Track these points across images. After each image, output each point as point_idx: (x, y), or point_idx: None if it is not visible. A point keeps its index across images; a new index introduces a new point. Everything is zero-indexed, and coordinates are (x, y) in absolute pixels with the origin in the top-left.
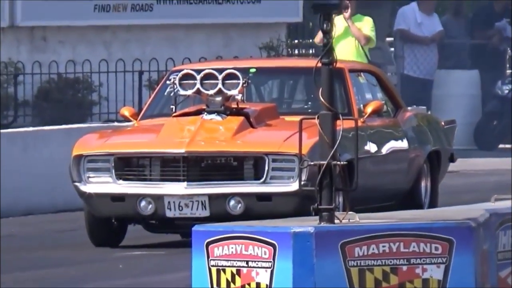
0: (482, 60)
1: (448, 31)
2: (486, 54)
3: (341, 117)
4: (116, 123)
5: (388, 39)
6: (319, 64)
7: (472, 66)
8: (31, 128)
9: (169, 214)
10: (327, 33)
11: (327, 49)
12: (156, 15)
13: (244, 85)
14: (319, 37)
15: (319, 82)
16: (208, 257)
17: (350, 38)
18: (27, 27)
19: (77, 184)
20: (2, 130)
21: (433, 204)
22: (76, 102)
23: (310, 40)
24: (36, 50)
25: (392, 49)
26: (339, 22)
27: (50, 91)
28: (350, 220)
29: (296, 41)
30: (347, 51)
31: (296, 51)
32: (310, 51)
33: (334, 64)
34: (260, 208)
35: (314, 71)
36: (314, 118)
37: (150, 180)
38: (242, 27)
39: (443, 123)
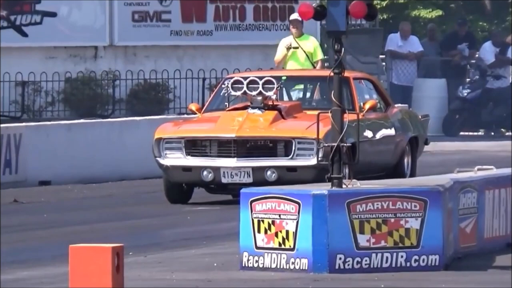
0: (449, 72)
1: (425, 50)
2: (451, 68)
3: (347, 112)
4: (185, 115)
5: (381, 56)
6: (332, 74)
7: (441, 76)
8: (124, 118)
9: (224, 180)
10: (338, 52)
11: (337, 63)
12: (214, 38)
13: (277, 88)
14: (277, 61)
15: (331, 86)
16: (251, 211)
17: (299, 55)
18: (122, 46)
19: (157, 158)
20: (103, 120)
21: (412, 174)
22: (157, 100)
23: (326, 56)
24: (128, 62)
25: (384, 63)
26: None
27: (138, 92)
28: (354, 186)
29: None
30: (297, 66)
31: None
32: (325, 64)
33: (343, 73)
34: (289, 176)
35: (328, 78)
36: (328, 112)
37: (210, 156)
38: (276, 47)
39: (420, 117)
